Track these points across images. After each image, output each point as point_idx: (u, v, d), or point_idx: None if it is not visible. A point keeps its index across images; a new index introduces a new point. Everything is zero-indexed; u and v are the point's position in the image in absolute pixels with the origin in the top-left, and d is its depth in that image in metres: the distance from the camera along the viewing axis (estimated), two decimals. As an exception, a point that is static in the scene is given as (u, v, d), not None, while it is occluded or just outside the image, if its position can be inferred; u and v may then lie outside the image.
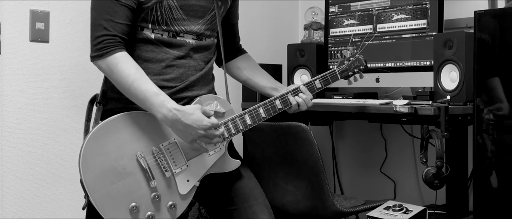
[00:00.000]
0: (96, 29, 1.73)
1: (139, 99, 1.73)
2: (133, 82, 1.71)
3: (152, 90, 1.72)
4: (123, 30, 1.74)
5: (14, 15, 2.37)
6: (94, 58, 1.75)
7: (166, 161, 1.78)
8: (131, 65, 1.73)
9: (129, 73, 1.71)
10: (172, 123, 1.72)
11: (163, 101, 1.71)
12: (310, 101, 1.92)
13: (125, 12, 1.74)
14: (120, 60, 1.72)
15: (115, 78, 1.73)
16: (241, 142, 2.79)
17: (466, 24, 2.54)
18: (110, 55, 1.72)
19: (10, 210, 2.37)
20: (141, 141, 1.77)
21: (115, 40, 1.72)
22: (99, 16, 1.73)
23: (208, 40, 1.90)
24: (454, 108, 2.12)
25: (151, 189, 1.76)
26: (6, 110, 2.36)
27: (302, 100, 1.89)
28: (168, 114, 1.71)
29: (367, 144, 3.06)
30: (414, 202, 2.40)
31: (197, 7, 1.84)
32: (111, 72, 1.73)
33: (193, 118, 1.72)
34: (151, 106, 1.72)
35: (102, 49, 1.72)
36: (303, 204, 2.29)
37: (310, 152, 2.19)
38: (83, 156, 1.71)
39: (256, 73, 2.06)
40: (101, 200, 1.72)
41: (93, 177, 1.71)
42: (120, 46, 1.73)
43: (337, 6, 2.79)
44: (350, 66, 1.96)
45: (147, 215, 1.76)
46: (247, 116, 1.85)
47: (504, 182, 1.94)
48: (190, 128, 1.72)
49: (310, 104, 1.91)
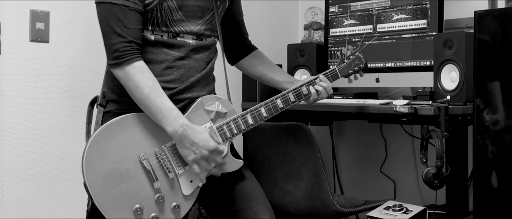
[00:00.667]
0: (111, 37, 1.73)
1: (152, 111, 1.74)
2: (149, 94, 1.72)
3: (167, 104, 1.73)
4: (137, 35, 1.75)
5: (14, 15, 2.37)
6: (111, 66, 1.74)
7: (169, 162, 1.78)
8: (148, 77, 1.74)
9: (146, 85, 1.72)
10: (180, 139, 1.74)
11: (177, 117, 1.73)
12: (331, 89, 1.95)
13: (136, 16, 1.74)
14: (138, 70, 1.73)
15: (131, 87, 1.74)
16: (241, 142, 2.79)
17: (466, 24, 2.54)
18: (129, 64, 1.72)
19: (10, 210, 2.37)
20: (143, 142, 1.77)
21: (132, 48, 1.73)
22: (110, 22, 1.72)
23: (209, 40, 1.90)
24: (454, 108, 2.12)
25: (155, 191, 1.76)
26: (6, 110, 2.36)
27: (322, 88, 1.92)
28: (179, 129, 1.72)
29: (367, 144, 3.06)
30: (414, 202, 2.40)
31: (196, 7, 1.84)
32: (128, 81, 1.74)
33: (201, 137, 1.74)
34: (163, 119, 1.73)
35: (120, 57, 1.72)
36: (303, 204, 2.29)
37: (310, 152, 2.19)
38: (86, 159, 1.71)
39: (271, 68, 2.08)
40: (105, 203, 1.72)
41: (96, 180, 1.71)
42: (138, 54, 1.74)
43: (337, 6, 2.79)
44: (350, 65, 1.97)
45: (151, 216, 1.76)
46: (249, 116, 1.85)
47: (504, 182, 1.94)
48: (196, 146, 1.73)
49: (330, 91, 1.95)
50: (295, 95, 1.91)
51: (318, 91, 1.92)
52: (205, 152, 1.74)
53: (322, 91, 1.92)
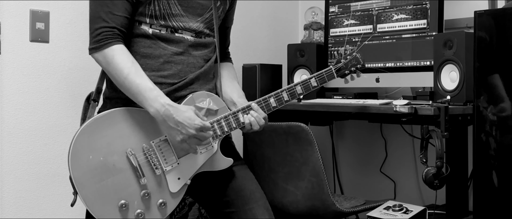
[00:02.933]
0: (95, 21, 1.73)
1: (132, 93, 1.72)
2: (128, 75, 1.71)
3: (146, 84, 1.71)
4: (122, 23, 1.75)
5: (14, 15, 2.37)
6: (91, 50, 1.75)
7: (157, 159, 1.77)
8: (127, 59, 1.73)
9: (125, 66, 1.71)
10: (163, 119, 1.71)
11: (157, 96, 1.71)
12: (262, 120, 1.83)
13: (124, 5, 1.75)
14: (117, 52, 1.72)
15: (110, 71, 1.73)
16: (241, 142, 2.79)
17: (466, 24, 2.54)
18: (107, 47, 1.72)
19: (10, 210, 2.37)
20: (131, 137, 1.76)
21: (114, 33, 1.73)
22: (98, 8, 1.73)
23: (208, 39, 1.89)
24: (454, 108, 2.12)
25: (141, 187, 1.75)
26: (6, 110, 2.36)
27: (253, 119, 1.82)
28: (161, 109, 1.70)
29: (367, 144, 3.06)
30: (414, 202, 2.40)
31: (196, 4, 1.83)
32: (107, 64, 1.73)
33: (185, 116, 1.71)
34: (143, 100, 1.71)
35: (100, 41, 1.72)
36: (303, 204, 2.29)
37: (310, 152, 2.19)
38: (72, 152, 1.70)
39: (227, 83, 1.98)
40: (90, 197, 1.71)
41: (82, 173, 1.70)
42: (118, 38, 1.74)
43: (337, 6, 2.79)
44: (347, 65, 1.93)
45: (137, 213, 1.75)
46: (240, 114, 1.84)
47: (504, 182, 1.94)
48: (181, 125, 1.71)
49: (262, 122, 1.82)
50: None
51: (250, 121, 1.82)
52: (192, 131, 1.71)
53: (253, 122, 1.82)
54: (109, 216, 1.72)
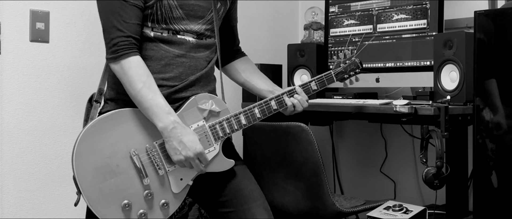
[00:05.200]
0: (109, 31, 1.74)
1: (143, 107, 1.74)
2: (141, 89, 1.72)
3: (158, 101, 1.73)
4: (136, 31, 1.76)
5: (14, 15, 2.37)
6: (109, 60, 1.76)
7: (160, 159, 1.78)
8: (142, 72, 1.74)
9: (139, 80, 1.73)
10: (169, 135, 1.73)
11: (168, 114, 1.73)
12: (305, 102, 1.93)
13: (135, 12, 1.75)
14: (133, 65, 1.74)
15: (125, 82, 1.75)
16: (241, 142, 2.79)
17: (466, 24, 2.54)
18: (124, 58, 1.73)
19: (10, 210, 2.37)
20: (135, 138, 1.77)
21: (130, 42, 1.74)
22: (110, 18, 1.74)
23: (209, 40, 1.90)
24: (454, 108, 2.12)
25: (144, 187, 1.76)
26: (6, 110, 2.36)
27: (297, 101, 1.91)
28: (169, 126, 1.72)
29: (367, 144, 3.06)
30: (414, 202, 2.40)
31: (197, 7, 1.84)
32: (123, 75, 1.75)
33: (189, 138, 1.74)
34: (153, 115, 1.73)
35: (117, 52, 1.73)
36: (303, 204, 2.29)
37: (310, 152, 2.19)
38: (76, 152, 1.72)
39: (254, 75, 2.06)
40: (94, 197, 1.72)
41: (85, 173, 1.71)
42: (135, 48, 1.75)
43: (337, 6, 2.79)
44: (346, 69, 1.98)
45: (140, 213, 1.76)
46: (242, 116, 1.86)
47: (504, 182, 1.94)
48: (183, 146, 1.73)
49: (305, 104, 1.93)
50: (289, 98, 1.92)
51: (294, 103, 1.91)
52: (190, 154, 1.74)
53: (297, 104, 1.91)
54: (112, 216, 1.73)
